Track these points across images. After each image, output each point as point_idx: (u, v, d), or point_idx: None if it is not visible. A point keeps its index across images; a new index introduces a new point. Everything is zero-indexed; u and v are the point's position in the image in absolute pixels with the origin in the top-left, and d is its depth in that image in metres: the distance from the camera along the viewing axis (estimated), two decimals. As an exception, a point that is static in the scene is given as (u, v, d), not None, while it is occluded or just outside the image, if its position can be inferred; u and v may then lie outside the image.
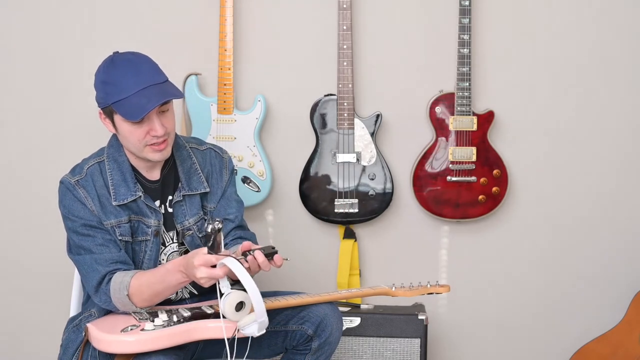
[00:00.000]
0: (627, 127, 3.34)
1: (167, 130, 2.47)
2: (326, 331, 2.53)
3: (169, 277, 2.39)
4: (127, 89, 2.40)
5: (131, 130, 2.45)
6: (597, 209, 3.37)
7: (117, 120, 2.47)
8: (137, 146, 2.47)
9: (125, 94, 2.40)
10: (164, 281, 2.40)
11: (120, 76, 2.42)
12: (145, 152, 2.48)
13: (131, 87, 2.40)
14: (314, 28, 3.29)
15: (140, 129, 2.45)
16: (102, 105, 2.48)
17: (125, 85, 2.41)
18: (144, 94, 2.40)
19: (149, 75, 2.44)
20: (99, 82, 2.47)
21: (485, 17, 3.27)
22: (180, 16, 3.29)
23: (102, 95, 2.46)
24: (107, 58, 2.49)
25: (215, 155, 2.71)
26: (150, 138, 2.46)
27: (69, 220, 2.50)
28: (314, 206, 3.26)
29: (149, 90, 2.41)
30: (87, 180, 2.52)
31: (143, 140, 2.46)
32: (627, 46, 3.30)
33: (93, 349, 2.41)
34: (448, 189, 3.25)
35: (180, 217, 2.60)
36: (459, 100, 3.20)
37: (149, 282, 2.41)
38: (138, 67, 2.44)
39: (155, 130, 2.45)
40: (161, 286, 2.41)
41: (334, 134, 3.24)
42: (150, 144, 2.47)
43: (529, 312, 3.41)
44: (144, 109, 2.39)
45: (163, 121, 2.46)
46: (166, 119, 2.48)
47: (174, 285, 2.40)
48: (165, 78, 2.49)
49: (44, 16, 3.30)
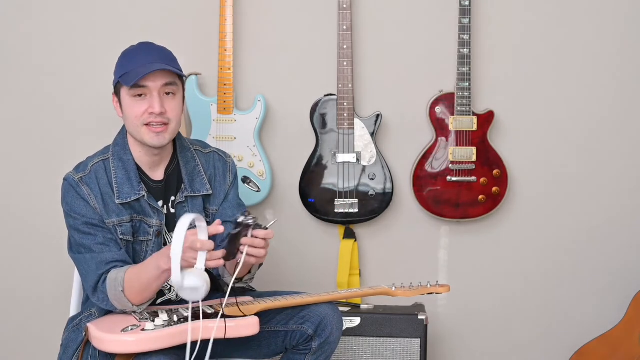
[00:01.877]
0: (627, 127, 3.34)
1: (167, 115, 2.49)
2: (326, 331, 2.53)
3: (151, 264, 2.38)
4: (137, 63, 2.47)
5: (132, 105, 2.48)
6: (597, 209, 3.37)
7: (123, 97, 2.51)
8: (135, 124, 2.49)
9: (132, 67, 2.47)
10: (147, 270, 2.40)
11: (134, 54, 2.52)
12: (143, 132, 2.49)
13: (141, 61, 2.47)
14: (314, 28, 3.29)
15: (140, 104, 2.48)
16: (114, 83, 2.53)
17: (137, 60, 2.48)
18: (148, 66, 2.46)
19: (161, 56, 2.51)
20: (117, 65, 2.54)
21: (485, 17, 3.27)
22: (180, 16, 3.30)
23: (115, 74, 2.52)
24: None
25: (219, 159, 2.71)
26: (148, 116, 2.47)
27: (70, 218, 2.51)
28: (314, 206, 3.27)
29: (154, 65, 2.47)
30: (91, 177, 2.52)
31: (141, 117, 2.48)
32: (627, 46, 3.30)
33: (93, 348, 2.41)
34: (448, 189, 3.25)
35: (182, 219, 2.60)
36: (459, 100, 3.20)
37: (137, 275, 2.41)
38: (152, 49, 2.53)
39: (152, 107, 2.47)
40: (145, 277, 2.39)
41: (334, 134, 3.24)
42: (147, 124, 2.48)
43: (529, 312, 3.41)
44: (141, 72, 2.44)
45: (165, 103, 2.49)
46: (169, 102, 2.50)
47: (157, 274, 2.36)
48: (179, 67, 2.55)
49: (44, 16, 3.31)
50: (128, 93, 2.48)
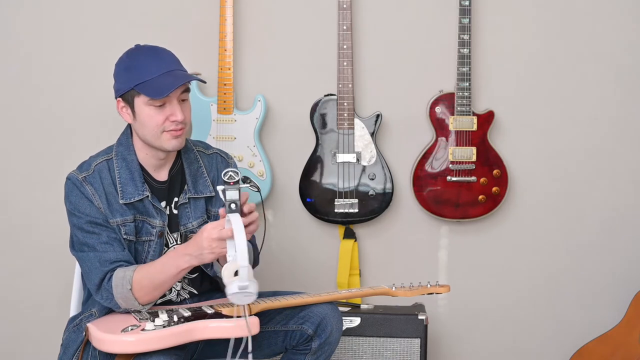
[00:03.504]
0: (627, 127, 3.34)
1: (185, 120, 2.51)
2: (326, 331, 2.53)
3: (168, 264, 2.41)
4: (153, 71, 2.47)
5: (151, 115, 2.48)
6: (597, 209, 3.37)
7: (137, 105, 2.49)
8: (155, 132, 2.49)
9: (150, 76, 2.46)
10: (163, 271, 2.41)
11: (144, 60, 2.49)
12: (162, 139, 2.50)
13: (156, 70, 2.47)
14: (314, 28, 3.29)
15: (160, 113, 2.48)
16: (124, 91, 2.50)
17: (150, 68, 2.48)
18: (169, 76, 2.47)
19: (172, 62, 2.53)
20: (122, 69, 2.52)
21: (485, 17, 3.27)
22: (180, 16, 3.30)
23: (124, 80, 2.50)
24: (130, 48, 2.56)
25: (222, 160, 2.72)
26: (169, 124, 2.49)
27: (74, 217, 2.50)
28: (314, 206, 3.27)
29: (174, 73, 2.49)
30: (95, 177, 2.52)
31: (162, 125, 2.48)
32: (627, 46, 3.30)
33: (93, 348, 2.41)
34: (448, 189, 3.25)
35: (184, 219, 2.60)
36: (459, 100, 3.20)
37: (149, 274, 2.42)
38: (161, 55, 2.53)
39: (175, 115, 2.48)
40: (161, 276, 2.41)
41: (334, 134, 3.24)
42: (168, 130, 2.49)
43: (529, 312, 3.41)
44: (170, 86, 2.44)
45: (183, 109, 2.51)
46: (185, 108, 2.53)
47: (174, 273, 2.40)
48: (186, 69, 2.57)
49: (44, 16, 3.31)
50: (148, 103, 2.47)
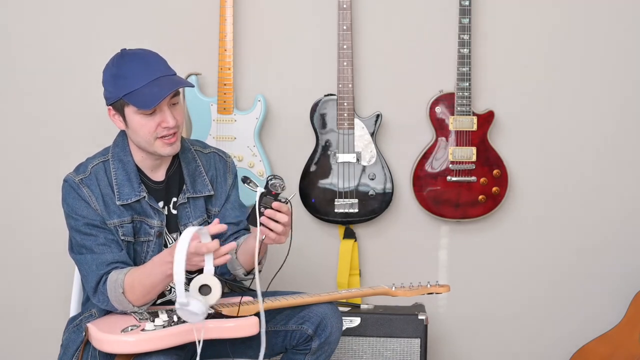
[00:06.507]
0: (627, 127, 3.34)
1: (178, 123, 2.49)
2: (326, 331, 2.53)
3: (155, 269, 2.38)
4: (139, 80, 2.43)
5: (142, 123, 2.46)
6: (597, 209, 3.37)
7: (128, 114, 2.47)
8: (148, 139, 2.48)
9: (137, 85, 2.42)
10: (150, 274, 2.39)
11: (131, 69, 2.45)
12: (156, 146, 2.49)
13: (143, 78, 2.43)
14: (314, 28, 3.29)
15: (151, 120, 2.45)
16: (113, 100, 2.48)
17: (137, 76, 2.43)
18: (156, 84, 2.43)
19: (159, 68, 2.48)
20: (109, 77, 2.48)
21: (485, 17, 3.27)
22: (180, 16, 3.29)
23: (112, 90, 2.47)
24: (116, 54, 2.51)
25: (219, 159, 2.71)
26: (162, 130, 2.47)
27: (71, 219, 2.50)
28: (314, 206, 3.27)
29: (161, 80, 2.44)
30: (91, 179, 2.52)
31: (154, 132, 2.47)
32: (627, 45, 3.30)
33: (93, 349, 2.41)
34: (448, 189, 3.25)
35: (184, 219, 2.60)
36: (459, 100, 3.20)
37: (139, 278, 2.41)
38: (148, 60, 2.48)
39: (166, 122, 2.46)
40: (149, 280, 2.39)
41: (334, 134, 3.24)
42: (161, 137, 2.48)
43: (529, 312, 3.41)
44: (157, 96, 2.41)
45: (174, 113, 2.48)
46: (176, 111, 2.50)
47: (161, 279, 2.37)
48: (174, 72, 2.52)
49: (44, 16, 3.30)
50: (137, 112, 2.45)
